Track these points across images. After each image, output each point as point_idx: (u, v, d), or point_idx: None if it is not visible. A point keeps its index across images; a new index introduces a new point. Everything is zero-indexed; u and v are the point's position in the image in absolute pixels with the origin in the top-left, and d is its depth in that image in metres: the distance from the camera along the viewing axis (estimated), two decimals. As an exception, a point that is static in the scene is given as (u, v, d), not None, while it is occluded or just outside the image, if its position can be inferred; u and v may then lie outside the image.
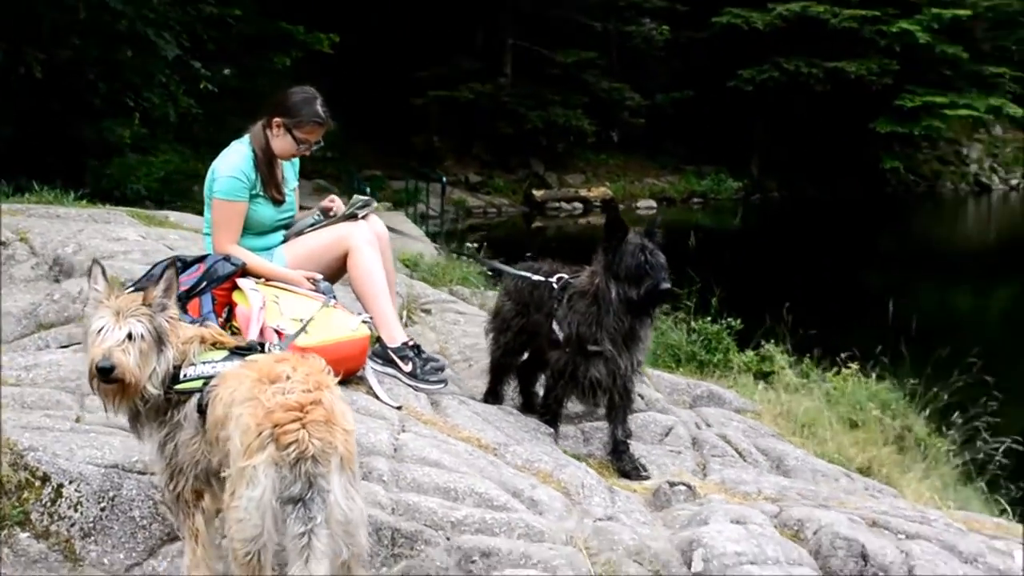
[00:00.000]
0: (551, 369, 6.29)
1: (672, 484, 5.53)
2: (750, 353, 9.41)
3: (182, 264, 6.17)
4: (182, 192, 19.10)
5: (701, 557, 4.53)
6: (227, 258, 6.08)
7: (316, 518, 3.40)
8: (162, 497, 4.38)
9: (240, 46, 19.89)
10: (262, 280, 6.09)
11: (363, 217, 6.48)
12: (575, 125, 36.27)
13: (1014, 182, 45.75)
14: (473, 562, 4.35)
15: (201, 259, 6.17)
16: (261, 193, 6.35)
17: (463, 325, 8.18)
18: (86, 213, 8.74)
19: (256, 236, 6.40)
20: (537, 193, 36.28)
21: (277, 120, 6.31)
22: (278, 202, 6.44)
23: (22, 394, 5.33)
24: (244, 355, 4.05)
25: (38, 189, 10.32)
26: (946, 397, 8.81)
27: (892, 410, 8.49)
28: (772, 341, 9.59)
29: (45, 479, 4.47)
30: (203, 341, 4.09)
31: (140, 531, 4.45)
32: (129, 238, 7.72)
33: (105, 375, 3.84)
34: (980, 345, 9.78)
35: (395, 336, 6.30)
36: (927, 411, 8.71)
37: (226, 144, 6.45)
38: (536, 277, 6.39)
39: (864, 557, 4.72)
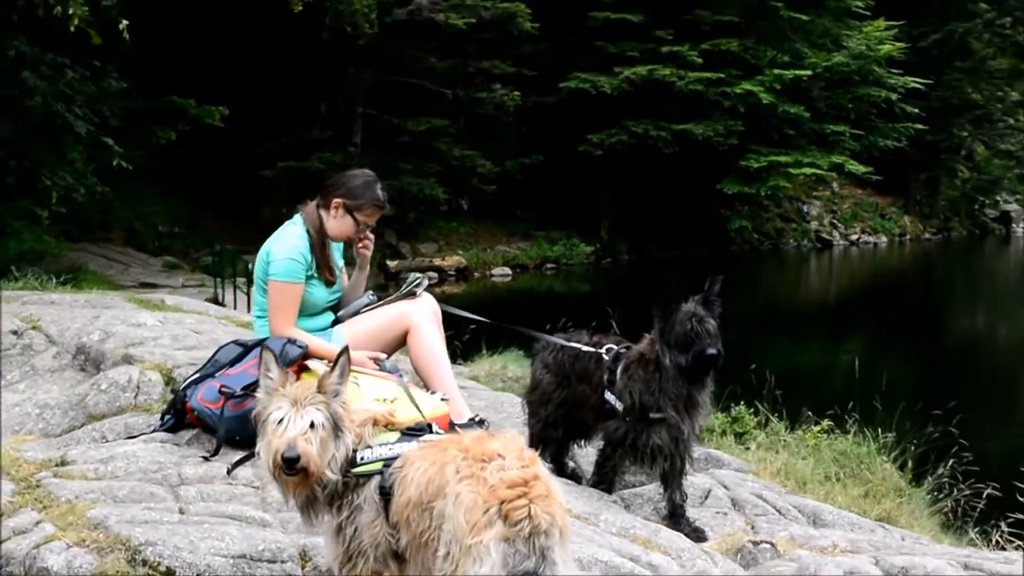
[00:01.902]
0: (608, 438, 6.38)
1: (755, 543, 5.73)
2: (720, 415, 9.70)
3: (243, 348, 6.19)
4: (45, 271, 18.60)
5: (845, 610, 4.74)
6: (291, 340, 6.10)
7: None
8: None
9: (126, 120, 19.50)
10: (325, 361, 6.11)
11: (419, 295, 6.59)
12: (428, 194, 35.79)
13: (854, 237, 47.85)
14: (639, 629, 4.49)
15: (260, 342, 6.18)
16: (315, 275, 6.41)
17: (468, 399, 8.21)
18: (82, 299, 8.58)
19: (308, 317, 6.45)
20: (391, 263, 35.94)
21: (337, 201, 6.41)
22: (330, 283, 6.50)
23: (111, 488, 5.22)
24: (416, 436, 4.14)
25: None
26: (913, 447, 9.23)
27: (866, 463, 8.84)
28: (742, 403, 9.90)
29: (169, 574, 4.41)
30: (376, 423, 4.18)
31: (280, 621, 4.44)
32: (147, 323, 7.61)
33: (290, 466, 3.90)
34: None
35: (462, 412, 6.39)
36: (901, 462, 9.09)
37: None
38: (586, 348, 6.51)
39: (980, 599, 5.01)
